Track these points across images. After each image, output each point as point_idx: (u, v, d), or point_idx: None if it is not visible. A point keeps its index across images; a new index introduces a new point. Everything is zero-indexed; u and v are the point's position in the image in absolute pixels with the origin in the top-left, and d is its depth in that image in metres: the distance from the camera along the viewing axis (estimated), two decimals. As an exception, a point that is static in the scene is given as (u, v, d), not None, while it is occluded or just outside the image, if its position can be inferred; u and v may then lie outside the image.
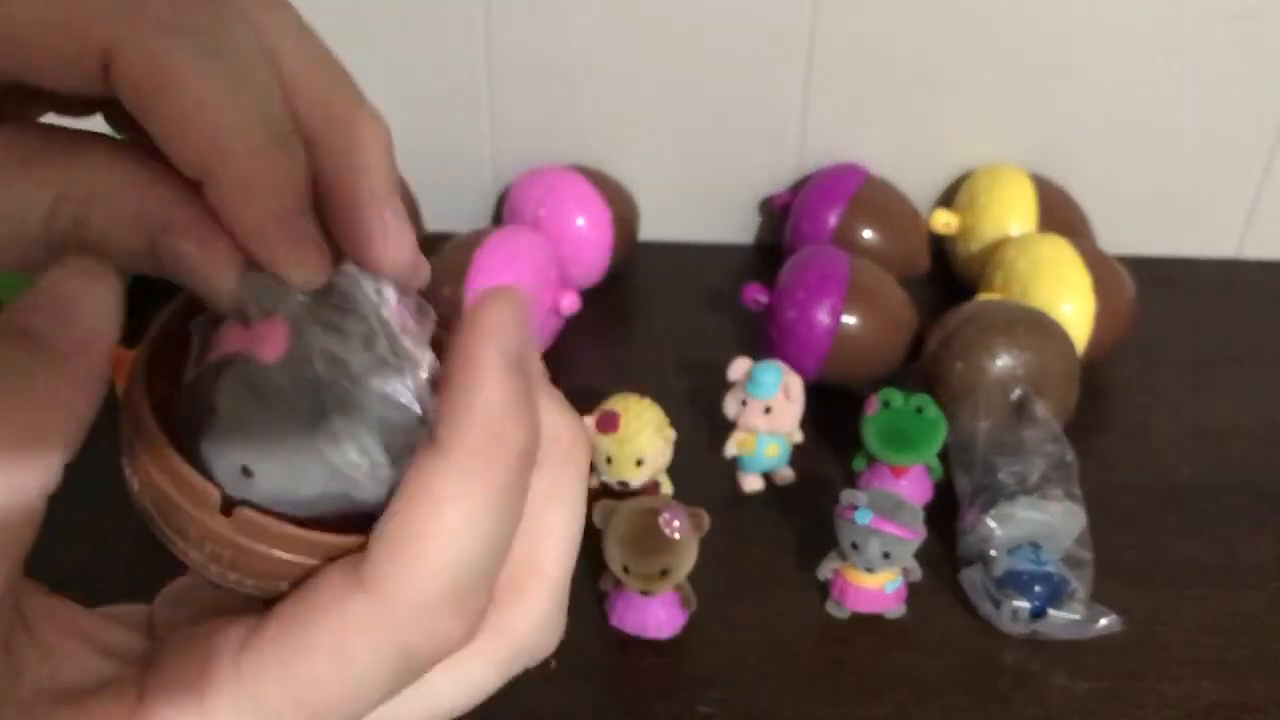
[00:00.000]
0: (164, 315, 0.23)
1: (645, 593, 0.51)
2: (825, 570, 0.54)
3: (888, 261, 0.70)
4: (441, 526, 0.19)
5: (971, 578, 0.55)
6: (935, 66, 0.75)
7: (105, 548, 0.54)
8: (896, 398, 0.58)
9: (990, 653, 0.53)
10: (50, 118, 0.22)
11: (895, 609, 0.54)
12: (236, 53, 0.20)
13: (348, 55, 0.22)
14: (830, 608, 0.55)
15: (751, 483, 0.61)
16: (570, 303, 0.67)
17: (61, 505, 0.20)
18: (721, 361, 0.60)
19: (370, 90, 0.22)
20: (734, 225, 0.82)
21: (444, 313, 0.23)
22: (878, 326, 0.65)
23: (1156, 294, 0.71)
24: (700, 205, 0.81)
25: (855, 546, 0.51)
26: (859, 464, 0.60)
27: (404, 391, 0.21)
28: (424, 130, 0.78)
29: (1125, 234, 0.77)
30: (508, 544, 0.21)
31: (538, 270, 0.66)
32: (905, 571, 0.54)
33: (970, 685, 0.51)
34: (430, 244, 0.72)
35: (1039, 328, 0.62)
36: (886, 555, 0.51)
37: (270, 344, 0.20)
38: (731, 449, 0.61)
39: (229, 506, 0.20)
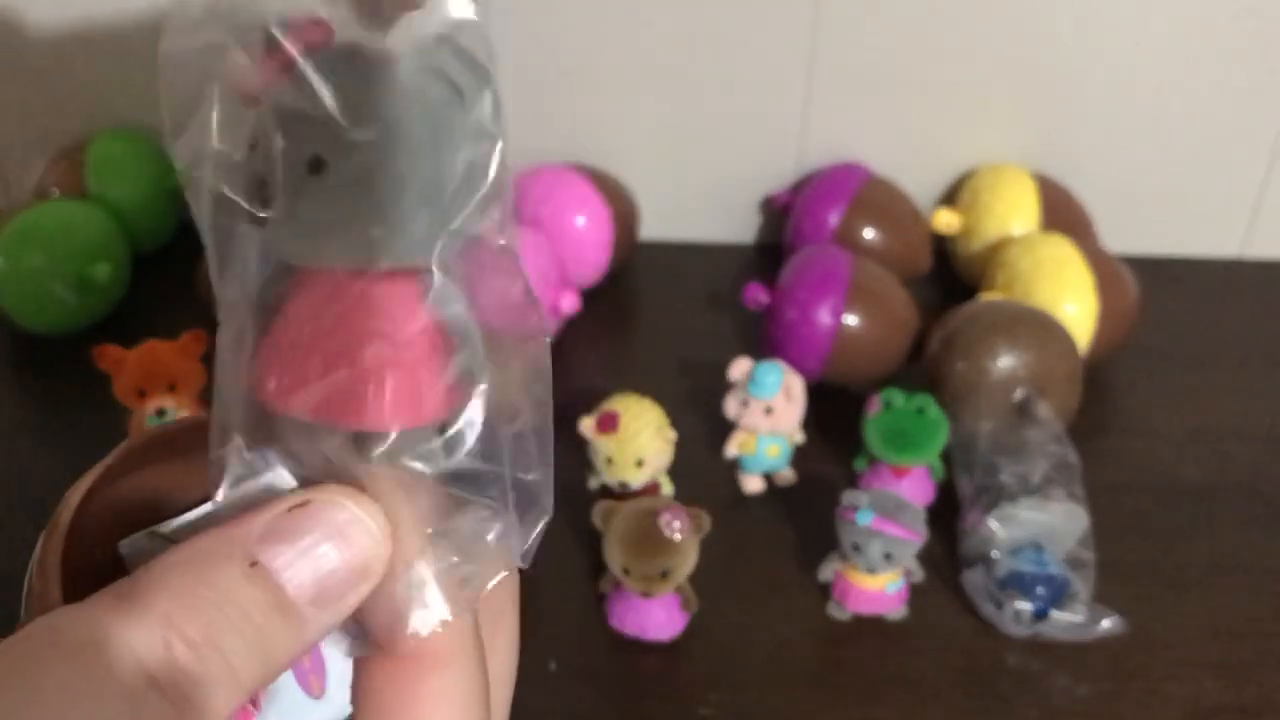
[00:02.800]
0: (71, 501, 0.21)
1: (646, 594, 0.51)
2: (826, 571, 0.54)
3: (889, 261, 0.70)
4: None
5: (973, 579, 0.54)
6: (937, 65, 0.75)
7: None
8: (898, 398, 0.58)
9: (992, 654, 0.53)
10: None
11: (897, 610, 0.54)
12: None
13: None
14: (831, 609, 0.54)
15: (752, 484, 0.61)
16: (570, 303, 0.67)
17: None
18: (722, 361, 0.60)
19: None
20: (734, 225, 0.81)
21: None
22: (879, 326, 0.64)
23: (1159, 294, 0.71)
24: (700, 205, 0.81)
25: (857, 548, 0.51)
26: (860, 465, 0.60)
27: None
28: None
29: (1128, 233, 0.77)
30: None
31: (538, 270, 0.66)
32: (907, 573, 0.53)
33: (972, 687, 0.51)
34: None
35: (1041, 328, 0.61)
36: (888, 556, 0.51)
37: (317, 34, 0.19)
38: (732, 450, 0.60)
39: None
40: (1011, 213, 0.72)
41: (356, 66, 0.18)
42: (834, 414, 0.64)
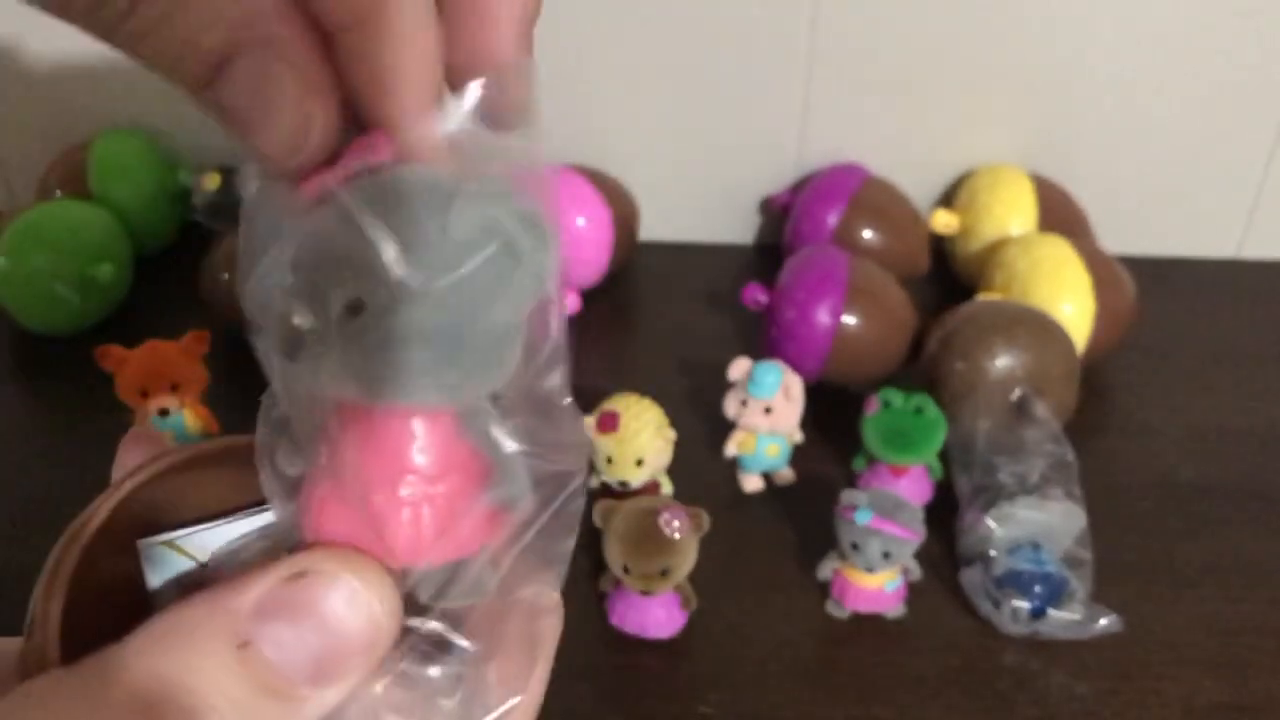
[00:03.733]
0: (68, 554, 0.20)
1: (645, 593, 0.51)
2: (825, 570, 0.54)
3: (888, 261, 0.70)
4: None
5: (971, 578, 0.55)
6: (935, 66, 0.75)
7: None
8: (897, 398, 0.58)
9: (990, 653, 0.53)
10: None
11: (895, 609, 0.54)
12: None
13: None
14: (830, 608, 0.55)
15: (751, 483, 0.61)
16: (570, 303, 0.67)
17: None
18: (721, 361, 0.60)
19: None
20: (734, 225, 0.82)
21: None
22: (878, 326, 0.65)
23: (1157, 294, 0.71)
24: (700, 205, 0.81)
25: (855, 546, 0.51)
26: (859, 464, 0.60)
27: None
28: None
29: (1125, 234, 0.77)
30: None
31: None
32: (905, 571, 0.54)
33: (970, 685, 0.51)
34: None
35: (1039, 328, 0.62)
36: (886, 555, 0.51)
37: (382, 148, 0.18)
38: (731, 449, 0.61)
39: None
40: (1009, 213, 0.73)
41: (411, 211, 0.18)
42: (833, 414, 0.64)
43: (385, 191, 0.18)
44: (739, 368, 0.60)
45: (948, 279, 0.76)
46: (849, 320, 0.64)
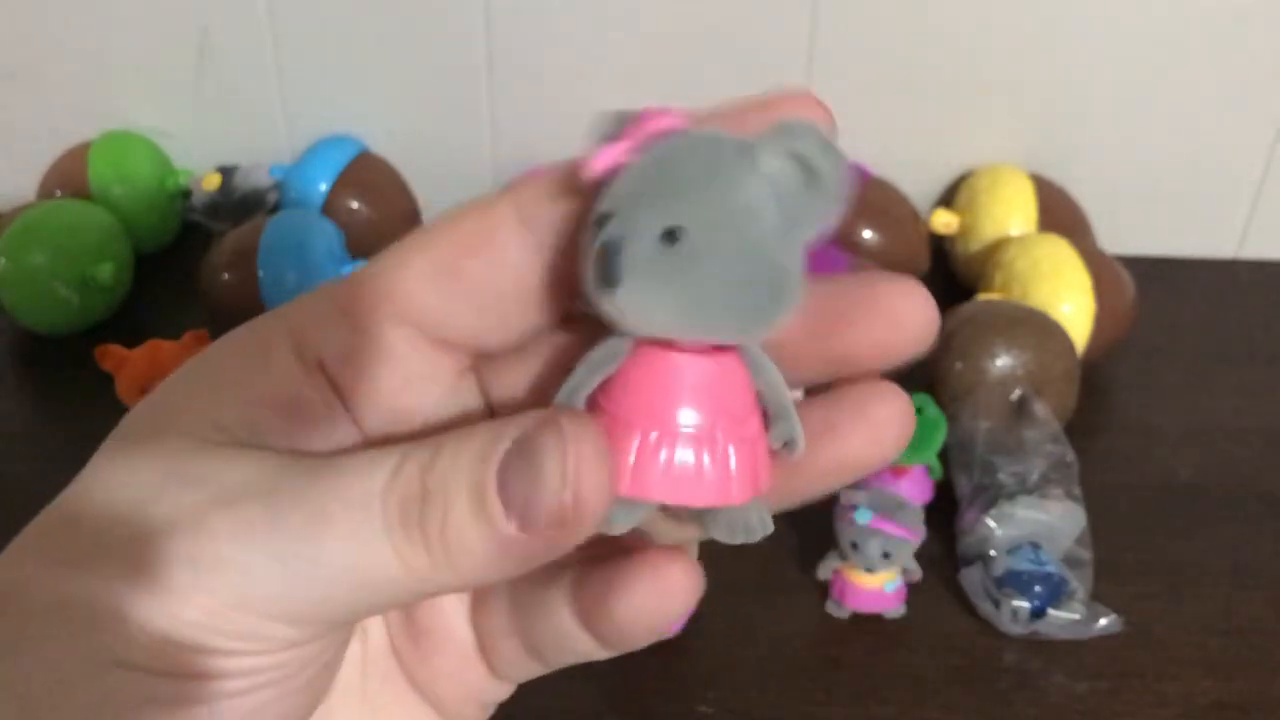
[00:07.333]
0: None
1: (645, 593, 0.51)
2: (825, 570, 0.54)
3: (887, 261, 0.70)
4: None
5: (971, 578, 0.55)
6: (935, 66, 0.75)
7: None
8: (896, 398, 0.58)
9: (990, 653, 0.53)
10: None
11: (895, 609, 0.54)
12: None
13: (350, 57, 0.23)
14: (830, 608, 0.55)
15: (751, 483, 0.61)
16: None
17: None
18: (721, 361, 0.60)
19: (371, 90, 0.22)
20: (734, 225, 0.82)
21: None
22: (878, 326, 0.64)
23: (1156, 294, 0.71)
24: (700, 205, 0.81)
25: (855, 546, 0.51)
26: (859, 464, 0.60)
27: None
28: (424, 130, 0.78)
29: (1125, 234, 0.77)
30: None
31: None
32: (905, 571, 0.54)
33: (970, 685, 0.51)
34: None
35: (1039, 328, 0.62)
36: (886, 555, 0.51)
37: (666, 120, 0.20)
38: (731, 449, 0.60)
39: None
40: (1009, 213, 0.73)
41: (720, 148, 0.19)
42: (833, 414, 0.64)
43: (692, 141, 0.19)
44: (739, 368, 0.59)
45: (947, 279, 0.76)
46: (849, 320, 0.64)
